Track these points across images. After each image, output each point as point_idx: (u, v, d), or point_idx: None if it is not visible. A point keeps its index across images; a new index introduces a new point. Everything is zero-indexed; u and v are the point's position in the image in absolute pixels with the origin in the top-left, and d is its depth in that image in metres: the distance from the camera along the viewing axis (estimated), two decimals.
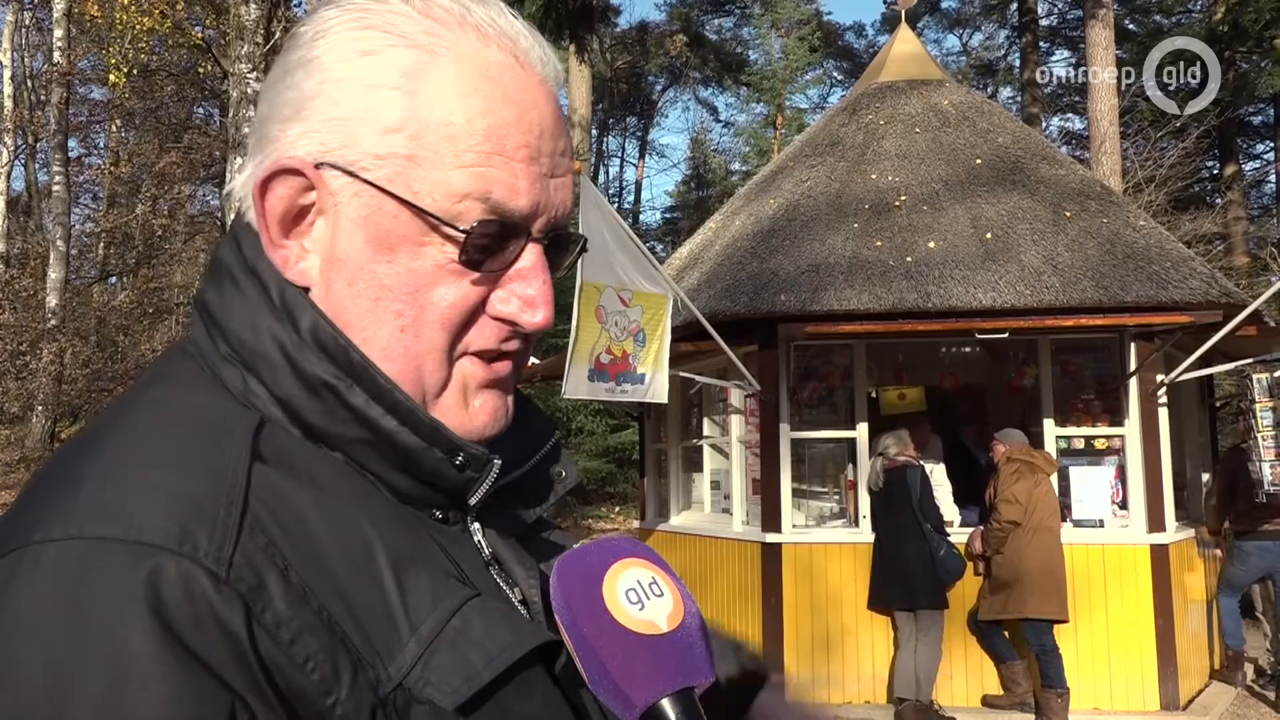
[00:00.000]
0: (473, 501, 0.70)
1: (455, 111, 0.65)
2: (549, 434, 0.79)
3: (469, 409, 0.69)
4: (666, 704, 0.60)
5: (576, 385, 5.53)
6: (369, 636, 0.59)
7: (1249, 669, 7.37)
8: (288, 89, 0.68)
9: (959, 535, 6.58)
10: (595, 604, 0.63)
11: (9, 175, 19.89)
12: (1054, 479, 6.40)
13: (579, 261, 5.46)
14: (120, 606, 0.51)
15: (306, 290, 0.67)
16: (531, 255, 0.68)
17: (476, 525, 0.72)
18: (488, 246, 0.66)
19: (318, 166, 0.66)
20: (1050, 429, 6.89)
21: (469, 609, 0.63)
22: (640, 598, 0.64)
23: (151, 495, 0.56)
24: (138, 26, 12.78)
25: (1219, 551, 7.27)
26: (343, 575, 0.60)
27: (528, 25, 0.71)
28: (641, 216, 35.65)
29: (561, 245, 0.72)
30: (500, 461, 0.69)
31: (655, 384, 5.97)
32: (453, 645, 0.61)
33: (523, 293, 0.68)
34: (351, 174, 0.65)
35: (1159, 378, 6.73)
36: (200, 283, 0.71)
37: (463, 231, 0.65)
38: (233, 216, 0.72)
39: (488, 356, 0.69)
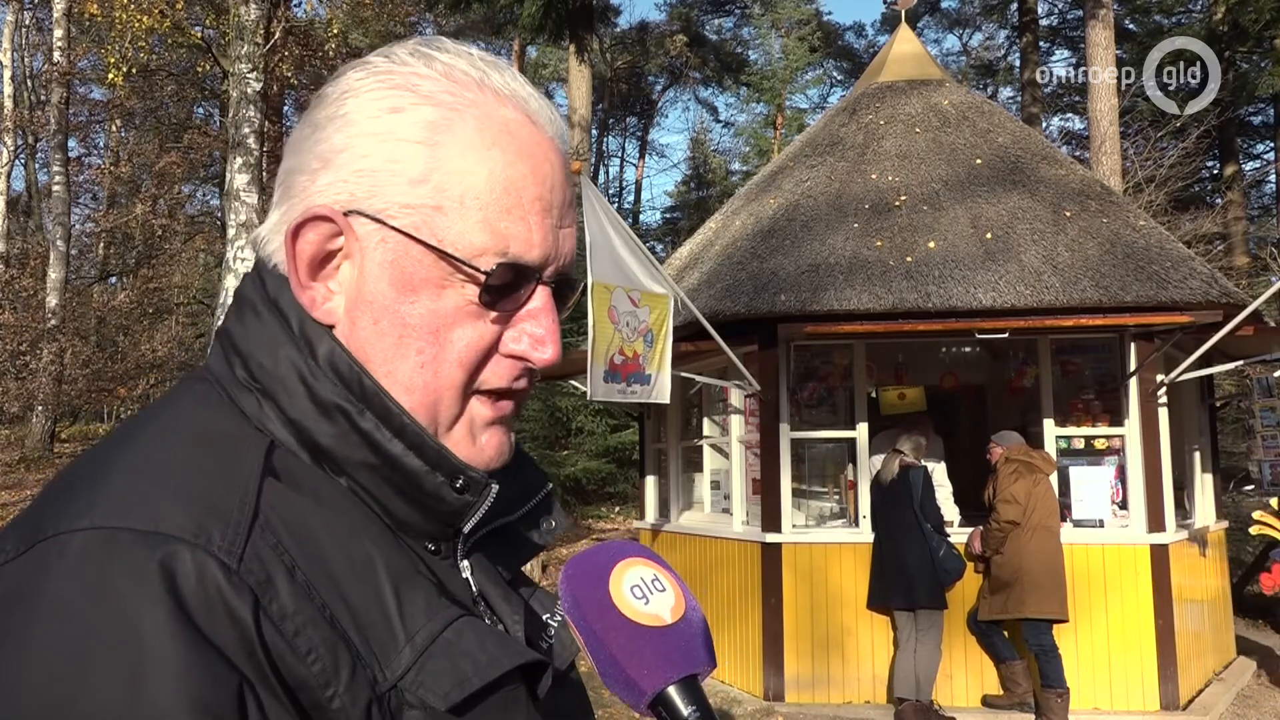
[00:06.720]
0: (466, 528, 0.74)
1: (477, 165, 0.70)
2: (541, 484, 0.84)
3: (476, 444, 0.74)
4: (673, 691, 0.64)
5: (596, 387, 5.51)
6: (367, 638, 0.63)
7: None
8: (317, 143, 0.72)
9: (959, 535, 6.58)
10: (603, 601, 0.67)
11: (9, 175, 19.88)
12: (1054, 479, 6.40)
13: (588, 262, 5.43)
14: (138, 589, 0.55)
15: (331, 327, 0.72)
16: (541, 297, 0.74)
17: (465, 563, 0.76)
18: (504, 288, 0.71)
19: (347, 214, 0.71)
20: (1050, 429, 6.88)
21: (461, 624, 0.68)
22: (645, 593, 0.68)
23: (170, 494, 0.61)
24: (137, 26, 12.77)
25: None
26: (345, 581, 0.64)
27: (537, 90, 0.76)
28: (641, 216, 35.67)
29: (566, 288, 0.78)
30: (498, 486, 0.73)
31: (659, 384, 5.95)
32: (445, 654, 0.65)
33: (533, 331, 0.73)
34: (380, 221, 0.70)
35: (1159, 378, 6.73)
36: (225, 319, 0.76)
37: (483, 273, 0.70)
38: (253, 256, 0.77)
39: (495, 395, 0.74)
